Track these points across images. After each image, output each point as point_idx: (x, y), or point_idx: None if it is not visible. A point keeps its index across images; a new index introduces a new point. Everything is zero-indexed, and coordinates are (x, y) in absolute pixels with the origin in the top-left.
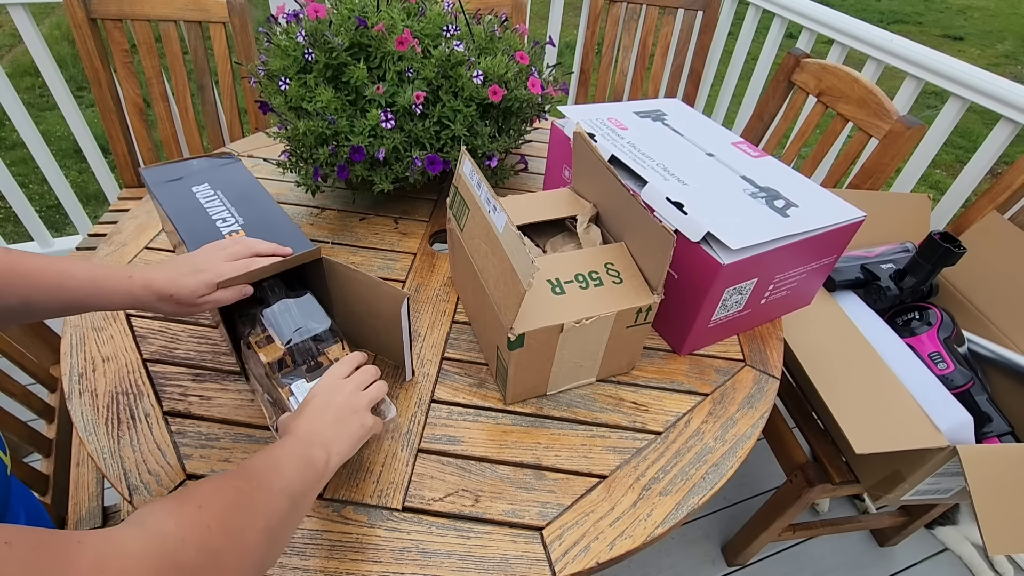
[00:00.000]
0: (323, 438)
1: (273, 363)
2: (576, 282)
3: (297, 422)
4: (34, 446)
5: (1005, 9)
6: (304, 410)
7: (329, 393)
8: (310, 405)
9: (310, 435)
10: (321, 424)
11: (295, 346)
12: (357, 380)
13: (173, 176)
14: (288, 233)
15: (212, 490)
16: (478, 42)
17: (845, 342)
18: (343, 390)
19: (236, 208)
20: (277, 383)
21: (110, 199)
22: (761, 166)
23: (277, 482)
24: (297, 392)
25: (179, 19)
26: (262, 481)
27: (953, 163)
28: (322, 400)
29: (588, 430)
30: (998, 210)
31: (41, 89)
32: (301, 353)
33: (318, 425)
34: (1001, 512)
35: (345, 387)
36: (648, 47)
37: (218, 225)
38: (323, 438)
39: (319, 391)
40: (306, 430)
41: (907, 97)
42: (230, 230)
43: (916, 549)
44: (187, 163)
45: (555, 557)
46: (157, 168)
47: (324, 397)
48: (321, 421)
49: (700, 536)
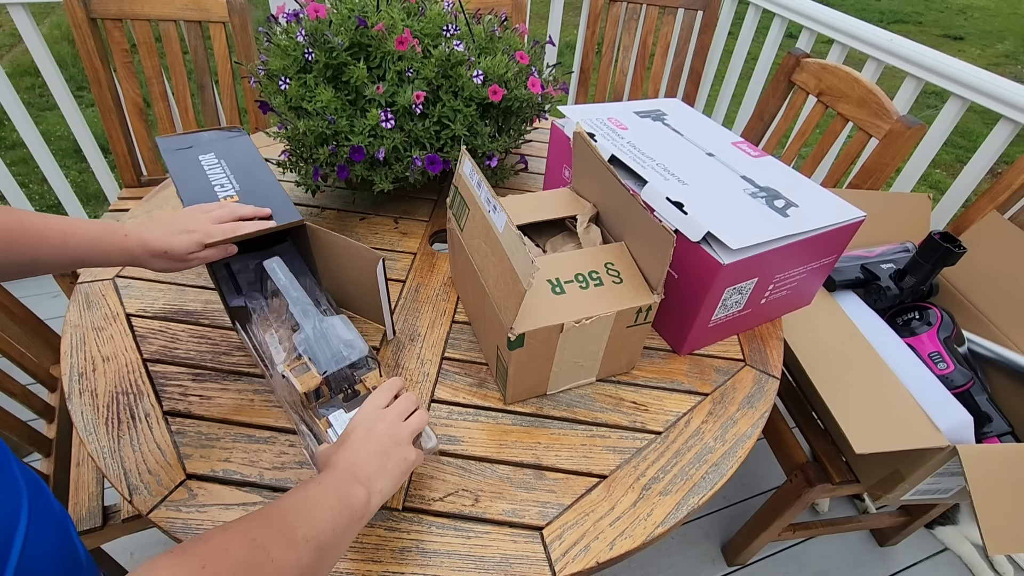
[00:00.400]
0: (365, 472)
1: (310, 393)
2: (576, 282)
3: (338, 454)
4: (34, 446)
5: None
6: (345, 441)
7: (370, 422)
8: (351, 436)
9: (352, 468)
10: (364, 456)
11: (331, 374)
12: (398, 409)
13: (184, 145)
14: (279, 201)
15: (221, 545)
16: (478, 42)
17: (845, 342)
18: (384, 419)
19: (235, 176)
20: (314, 414)
21: (110, 199)
22: (761, 166)
23: (303, 529)
24: (336, 423)
25: (179, 19)
26: (284, 530)
27: (953, 163)
28: (363, 430)
29: (588, 430)
30: (998, 210)
31: (41, 89)
32: (337, 381)
33: (361, 457)
34: (1001, 512)
35: (386, 416)
36: (648, 47)
37: (215, 190)
38: (365, 472)
39: (360, 421)
40: (348, 462)
41: (907, 97)
42: (225, 194)
43: (916, 549)
44: (198, 134)
45: (555, 557)
46: (171, 138)
47: (365, 427)
48: (363, 453)
49: (700, 536)
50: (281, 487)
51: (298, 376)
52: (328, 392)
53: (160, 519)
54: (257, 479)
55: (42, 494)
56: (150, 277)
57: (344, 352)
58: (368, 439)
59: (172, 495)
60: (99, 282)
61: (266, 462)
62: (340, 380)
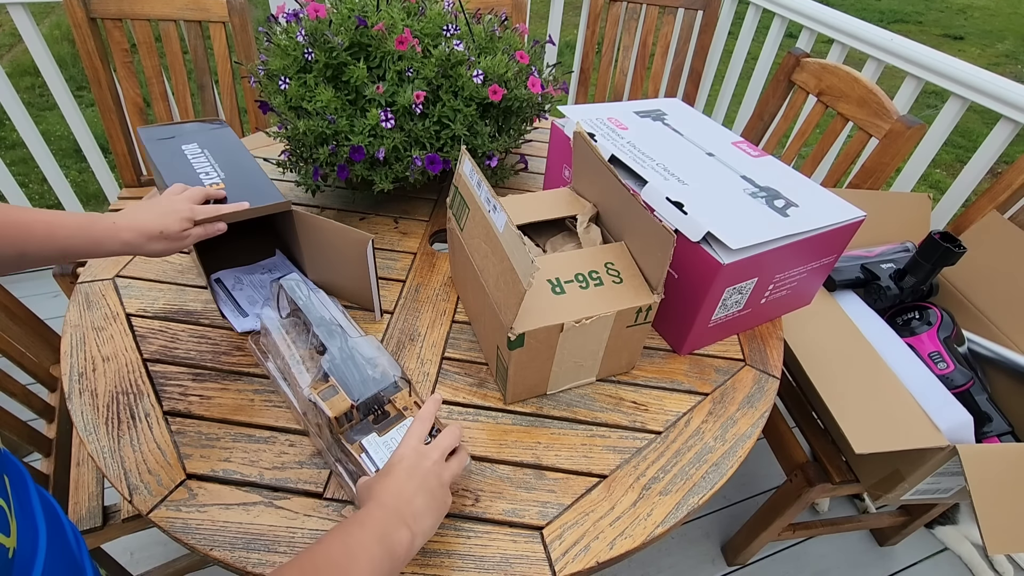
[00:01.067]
0: (412, 509)
1: (340, 417)
2: (576, 282)
3: (383, 485)
4: (34, 446)
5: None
6: (390, 473)
7: (416, 458)
8: (397, 468)
9: (398, 504)
10: (411, 491)
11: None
12: (443, 446)
13: (166, 135)
14: (262, 186)
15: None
16: (478, 41)
17: (845, 342)
18: (429, 456)
19: (219, 164)
20: (345, 438)
21: (110, 199)
22: (761, 166)
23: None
24: (370, 448)
25: (179, 19)
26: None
27: (953, 163)
28: (408, 465)
29: (588, 430)
30: (998, 210)
31: (41, 89)
32: (367, 403)
33: (408, 492)
34: (1001, 512)
35: (431, 454)
36: (648, 46)
37: (201, 177)
38: (412, 509)
39: (406, 454)
40: (394, 496)
41: (907, 97)
42: (211, 181)
43: (916, 549)
44: (180, 126)
45: (555, 556)
46: (152, 128)
47: (411, 462)
48: (410, 488)
49: (700, 535)
50: (281, 487)
51: (327, 400)
52: (358, 415)
53: (160, 519)
54: (257, 479)
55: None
56: (150, 277)
57: (372, 373)
58: (413, 474)
59: (172, 495)
60: (99, 282)
61: (266, 462)
62: (370, 402)
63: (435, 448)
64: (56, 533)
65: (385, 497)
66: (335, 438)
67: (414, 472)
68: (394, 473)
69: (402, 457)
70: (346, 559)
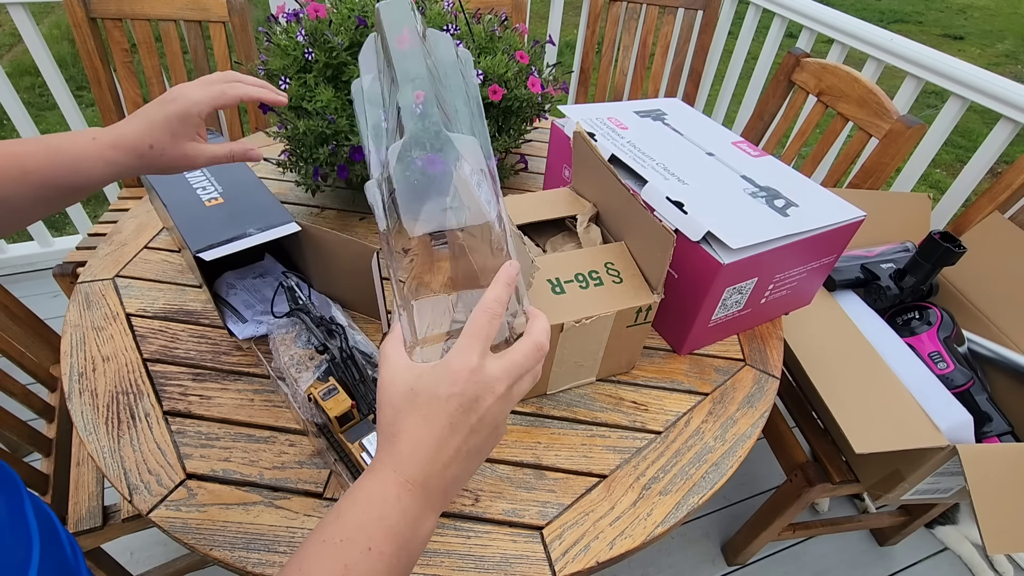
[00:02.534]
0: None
1: (340, 417)
2: (576, 282)
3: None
4: (34, 446)
5: (1005, 8)
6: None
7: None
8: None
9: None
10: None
11: (359, 395)
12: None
13: None
14: (268, 206)
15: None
16: (478, 41)
17: (845, 342)
18: (494, 390)
19: (216, 178)
20: (345, 438)
21: (110, 199)
22: (761, 165)
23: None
24: (370, 448)
25: (179, 18)
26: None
27: (953, 162)
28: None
29: (588, 429)
30: (998, 209)
31: (41, 89)
32: (368, 403)
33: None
34: (1001, 511)
35: (496, 385)
36: (648, 46)
37: (198, 193)
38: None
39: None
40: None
41: (907, 96)
42: (209, 197)
43: (916, 548)
44: None
45: (555, 556)
46: None
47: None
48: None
49: (700, 535)
50: (281, 487)
51: (327, 400)
52: (358, 415)
53: (160, 519)
54: (257, 479)
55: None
56: (150, 277)
57: (372, 373)
58: (466, 425)
59: (172, 495)
60: (99, 282)
61: (266, 462)
62: (369, 401)
63: (506, 373)
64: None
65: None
66: (335, 438)
67: (464, 423)
68: (436, 419)
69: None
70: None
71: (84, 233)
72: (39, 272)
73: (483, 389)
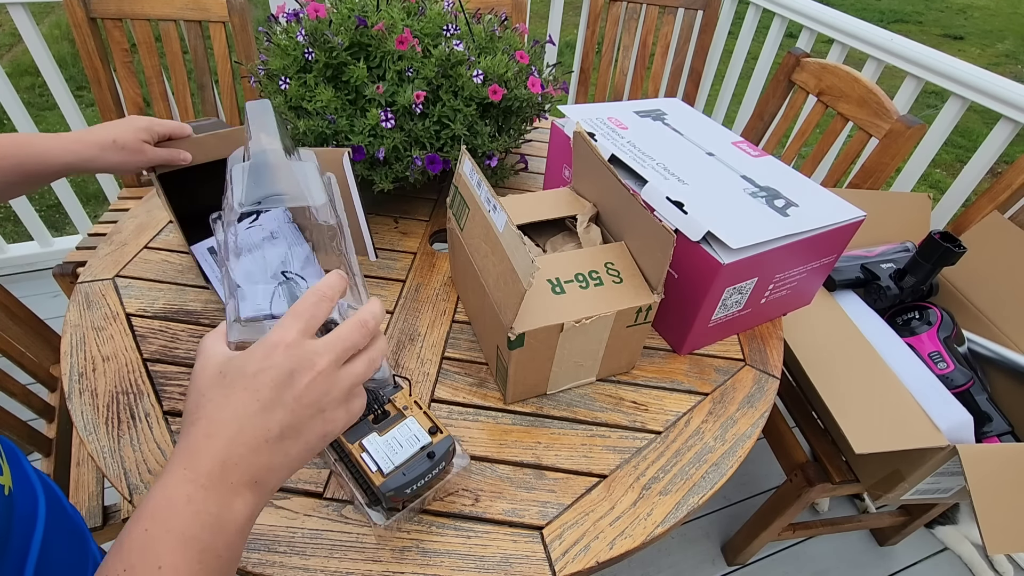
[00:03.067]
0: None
1: None
2: (576, 282)
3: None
4: (34, 446)
5: (1005, 8)
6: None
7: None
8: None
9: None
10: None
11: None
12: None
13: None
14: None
15: None
16: (478, 41)
17: (845, 342)
18: (313, 365)
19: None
20: (345, 438)
21: (110, 199)
22: (761, 165)
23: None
24: (370, 447)
25: (179, 18)
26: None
27: (953, 162)
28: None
29: (588, 429)
30: (998, 209)
31: (41, 89)
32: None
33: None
34: (1001, 511)
35: (317, 361)
36: (648, 46)
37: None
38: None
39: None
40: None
41: (907, 96)
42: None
43: (916, 548)
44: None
45: (555, 556)
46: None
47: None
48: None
49: (700, 535)
50: (282, 487)
51: None
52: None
53: None
54: None
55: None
56: (150, 277)
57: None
58: (277, 402)
59: None
60: (99, 282)
61: None
62: (369, 401)
63: (326, 349)
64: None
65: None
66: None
67: (277, 402)
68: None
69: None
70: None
71: (84, 233)
72: (39, 272)
73: (300, 363)
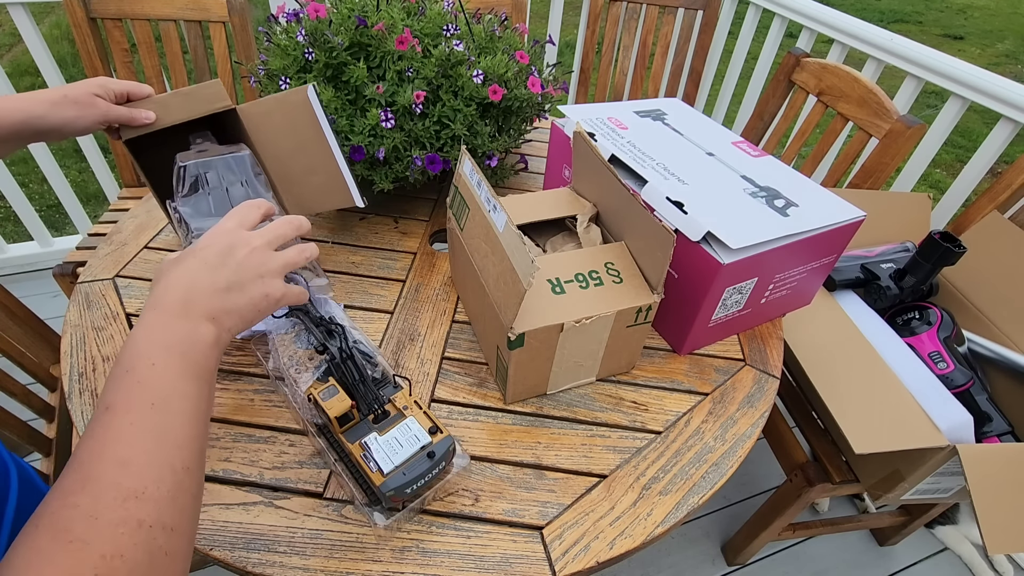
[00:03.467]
0: (209, 308)
1: (340, 417)
2: (576, 282)
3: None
4: (34, 446)
5: (1005, 8)
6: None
7: (229, 244)
8: (196, 256)
9: (189, 305)
10: (208, 286)
11: (359, 395)
12: (269, 236)
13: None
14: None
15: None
16: (478, 41)
17: (845, 342)
18: (249, 243)
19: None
20: (345, 438)
21: (110, 198)
22: (761, 165)
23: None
24: (372, 447)
25: (179, 18)
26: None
27: (953, 162)
28: (216, 252)
29: (588, 429)
30: (998, 209)
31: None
32: (367, 403)
33: (205, 286)
34: (1001, 511)
35: (252, 240)
36: (648, 46)
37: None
38: (209, 308)
39: (215, 239)
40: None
41: (907, 96)
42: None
43: (916, 548)
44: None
45: (555, 556)
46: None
47: (221, 247)
48: (208, 282)
49: (700, 535)
50: (281, 487)
51: (327, 400)
52: (357, 415)
53: None
54: (257, 479)
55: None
56: (150, 277)
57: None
58: (222, 263)
59: None
60: (99, 282)
61: (266, 462)
62: (369, 401)
63: (256, 235)
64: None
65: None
66: (335, 438)
67: (222, 263)
68: (191, 259)
69: (210, 243)
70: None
71: (84, 233)
72: (39, 272)
73: (237, 240)
